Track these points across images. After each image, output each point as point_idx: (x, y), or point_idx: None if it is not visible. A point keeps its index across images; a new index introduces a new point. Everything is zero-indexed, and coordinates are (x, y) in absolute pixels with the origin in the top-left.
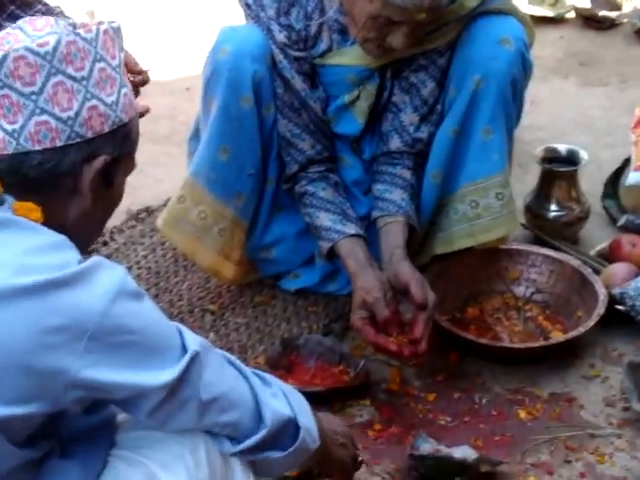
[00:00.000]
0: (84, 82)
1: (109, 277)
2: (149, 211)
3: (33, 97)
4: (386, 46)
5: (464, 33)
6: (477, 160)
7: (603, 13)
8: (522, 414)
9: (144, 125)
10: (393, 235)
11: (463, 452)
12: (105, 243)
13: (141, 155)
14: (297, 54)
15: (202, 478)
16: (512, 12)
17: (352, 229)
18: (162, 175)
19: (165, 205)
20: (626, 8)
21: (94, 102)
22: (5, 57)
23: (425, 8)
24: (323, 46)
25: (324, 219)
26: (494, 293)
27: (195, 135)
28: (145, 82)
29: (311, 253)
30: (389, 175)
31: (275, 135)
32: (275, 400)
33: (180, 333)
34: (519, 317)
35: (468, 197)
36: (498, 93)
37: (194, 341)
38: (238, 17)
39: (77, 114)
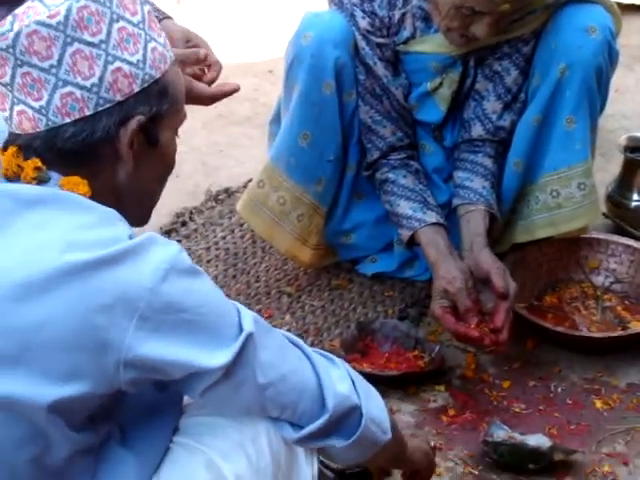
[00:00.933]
0: (103, 46)
1: (161, 253)
2: (228, 192)
3: (53, 70)
4: (469, 35)
5: (550, 21)
6: (559, 149)
7: None
8: (598, 404)
9: (225, 106)
10: (474, 223)
11: (537, 440)
12: (184, 223)
13: (222, 136)
14: (380, 40)
15: (264, 466)
16: (599, 0)
17: (433, 217)
18: (242, 157)
19: (245, 187)
20: None
21: (117, 64)
22: (18, 34)
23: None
24: (406, 33)
25: (405, 207)
26: (572, 282)
27: (276, 118)
28: (213, 80)
29: (390, 239)
30: (470, 163)
31: (356, 122)
32: (340, 383)
33: (238, 313)
34: (597, 306)
35: (549, 186)
36: (582, 82)
37: (251, 321)
38: (322, 2)
39: (101, 79)
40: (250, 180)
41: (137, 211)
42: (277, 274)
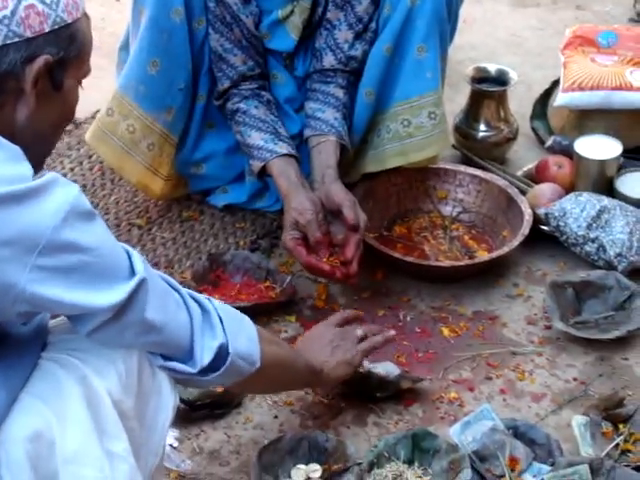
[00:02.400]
0: None
1: (63, 194)
2: (76, 123)
3: None
4: None
5: None
6: (411, 78)
7: None
8: (445, 332)
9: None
10: (325, 155)
11: (385, 368)
12: None
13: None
14: None
15: (131, 385)
16: None
17: (284, 148)
18: (90, 87)
19: (93, 117)
20: None
21: (31, 1)
22: None
23: None
24: None
25: (256, 138)
26: (421, 212)
27: (125, 45)
28: None
29: (241, 169)
30: (322, 94)
31: (206, 50)
32: (210, 337)
33: (129, 256)
34: (445, 236)
35: (401, 116)
36: (433, 11)
37: (142, 266)
38: None
39: (13, 13)
40: (99, 110)
41: (31, 155)
42: (127, 206)
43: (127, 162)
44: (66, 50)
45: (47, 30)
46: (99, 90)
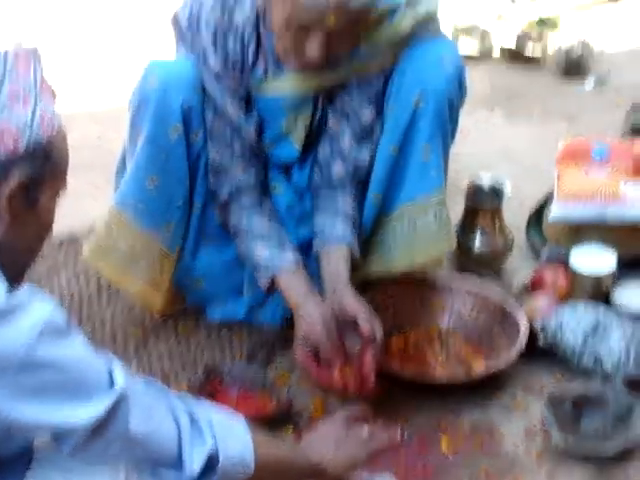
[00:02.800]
0: None
1: (37, 311)
2: (73, 238)
3: None
4: (305, 59)
5: (402, 54)
6: (416, 179)
7: (528, 50)
8: (444, 445)
9: (70, 154)
10: (335, 264)
11: None
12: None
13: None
14: (232, 79)
15: None
16: (446, 38)
17: (290, 260)
18: (86, 204)
19: (90, 233)
20: (551, 45)
21: (5, 120)
22: None
23: (331, 9)
24: (259, 72)
25: (261, 250)
26: (418, 324)
27: (121, 170)
28: None
29: (240, 283)
30: (330, 207)
31: (202, 161)
32: (199, 445)
33: (110, 371)
34: (442, 348)
35: (407, 216)
36: (436, 111)
37: (123, 378)
38: (168, 48)
39: None
40: (95, 227)
41: (10, 270)
42: (123, 319)
43: (127, 279)
44: (41, 168)
45: (21, 149)
46: (95, 207)
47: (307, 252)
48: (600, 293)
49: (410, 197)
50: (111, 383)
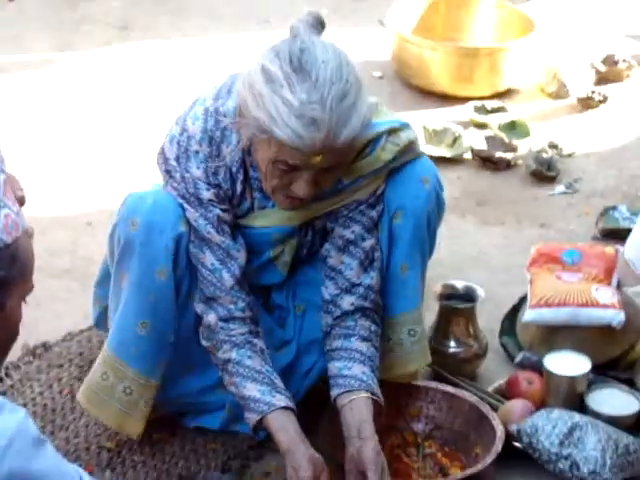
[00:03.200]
0: None
1: (6, 422)
2: (46, 346)
3: None
4: (293, 196)
5: (389, 179)
6: (393, 296)
7: (499, 154)
8: None
9: (43, 259)
10: (357, 411)
11: None
12: (0, 380)
13: (40, 290)
14: (224, 207)
15: None
16: (425, 157)
17: (282, 401)
18: (60, 310)
19: (64, 341)
20: (521, 150)
21: None
22: None
23: (318, 149)
24: (247, 204)
25: (252, 389)
26: (394, 430)
27: (102, 281)
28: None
29: (220, 402)
30: (345, 351)
31: (187, 294)
32: None
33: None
34: (418, 454)
35: (384, 331)
36: (415, 230)
37: None
38: (135, 154)
39: None
40: (69, 334)
41: None
42: (97, 429)
43: (128, 422)
44: (7, 270)
45: None
46: (69, 313)
47: (286, 379)
48: (574, 395)
49: (386, 314)
50: None
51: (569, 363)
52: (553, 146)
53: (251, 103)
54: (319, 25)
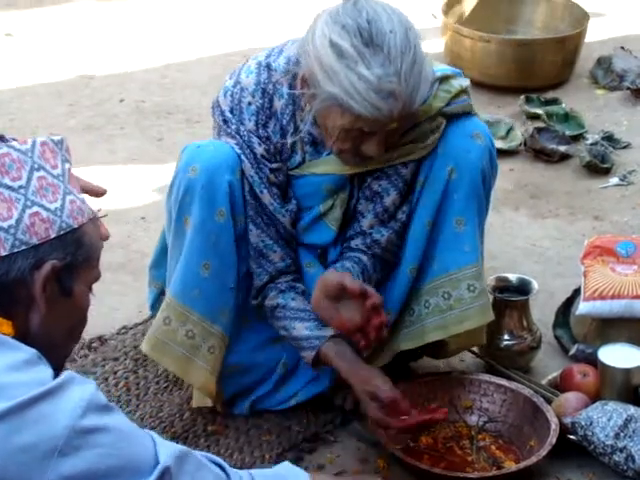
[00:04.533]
0: (22, 190)
1: (78, 392)
2: (102, 340)
3: None
4: (362, 155)
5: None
6: (449, 251)
7: (553, 146)
8: None
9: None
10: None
11: None
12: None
13: (95, 284)
14: (274, 166)
15: None
16: (477, 117)
17: (330, 331)
18: (115, 304)
19: (119, 334)
20: (575, 142)
21: (35, 209)
22: None
23: (395, 118)
24: (298, 158)
25: (301, 329)
26: (447, 422)
27: (156, 264)
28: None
29: (274, 364)
30: (344, 259)
31: (244, 244)
32: None
33: (154, 444)
34: (472, 446)
35: (441, 289)
36: (470, 184)
37: (167, 452)
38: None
39: (18, 222)
40: (124, 327)
41: (50, 356)
42: (152, 422)
43: (191, 368)
44: (73, 255)
45: (53, 236)
46: (124, 306)
47: None
48: (629, 388)
49: (443, 269)
50: (156, 458)
51: (624, 355)
52: (607, 138)
53: (322, 78)
54: None
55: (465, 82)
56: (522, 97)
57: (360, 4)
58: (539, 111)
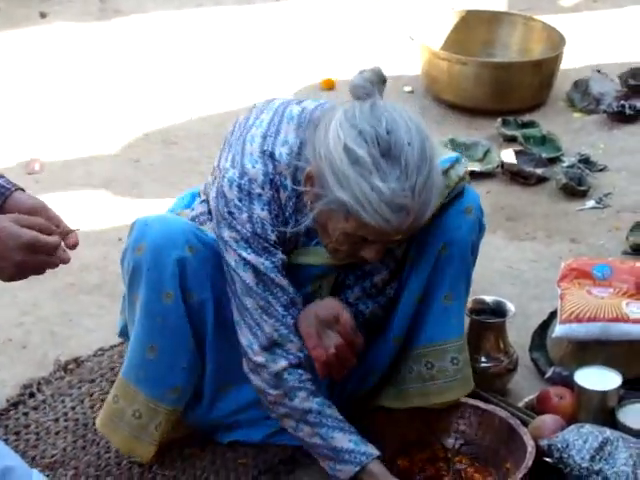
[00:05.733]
0: None
1: None
2: (78, 362)
3: None
4: (358, 257)
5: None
6: (437, 324)
7: (529, 169)
8: None
9: (75, 276)
10: None
11: None
12: (32, 395)
13: (71, 305)
14: (283, 253)
15: None
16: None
17: (376, 450)
18: (92, 325)
19: (94, 356)
20: (552, 165)
21: None
22: None
23: (403, 231)
24: (292, 245)
25: (343, 440)
26: (423, 444)
27: (124, 310)
28: (76, 245)
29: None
30: None
31: (208, 320)
32: None
33: None
34: (449, 469)
35: (424, 358)
36: (461, 260)
37: None
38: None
39: None
40: (100, 349)
41: None
42: None
43: (137, 446)
44: None
45: None
46: (100, 328)
47: None
48: (605, 410)
49: (429, 340)
50: None
51: (600, 378)
52: (584, 161)
53: (332, 181)
54: (381, 83)
55: (462, 169)
56: (499, 120)
57: (378, 110)
58: (516, 134)
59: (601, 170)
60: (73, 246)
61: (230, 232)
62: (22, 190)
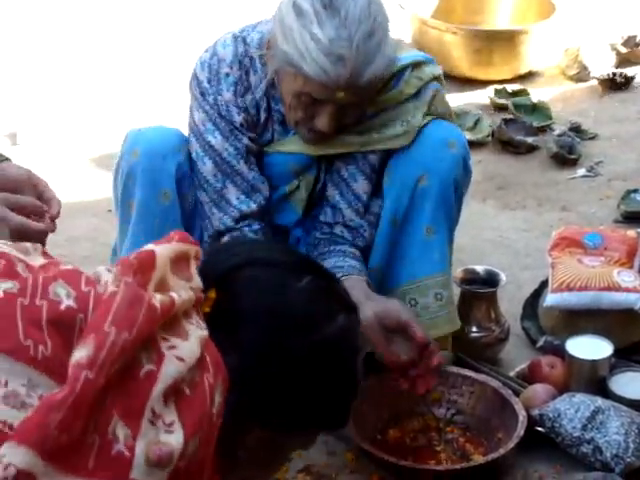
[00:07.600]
0: None
1: None
2: None
3: None
4: (315, 129)
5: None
6: (418, 258)
7: (520, 138)
8: None
9: (63, 247)
10: (359, 285)
11: None
12: None
13: None
14: (252, 135)
15: None
16: (451, 121)
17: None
18: None
19: None
20: (542, 133)
21: None
22: None
23: (342, 85)
24: (268, 136)
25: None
26: (415, 415)
27: (114, 256)
28: (55, 216)
29: None
30: (336, 251)
31: (197, 221)
32: None
33: None
34: (440, 439)
35: (408, 295)
36: (441, 194)
37: None
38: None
39: None
40: None
41: None
42: None
43: None
44: None
45: None
46: None
47: None
48: (596, 379)
49: (412, 276)
50: None
51: (591, 347)
52: (574, 129)
53: (280, 37)
54: None
55: (437, 70)
56: (490, 88)
57: None
58: (506, 102)
59: (592, 138)
60: (53, 218)
61: (200, 114)
62: (9, 160)
